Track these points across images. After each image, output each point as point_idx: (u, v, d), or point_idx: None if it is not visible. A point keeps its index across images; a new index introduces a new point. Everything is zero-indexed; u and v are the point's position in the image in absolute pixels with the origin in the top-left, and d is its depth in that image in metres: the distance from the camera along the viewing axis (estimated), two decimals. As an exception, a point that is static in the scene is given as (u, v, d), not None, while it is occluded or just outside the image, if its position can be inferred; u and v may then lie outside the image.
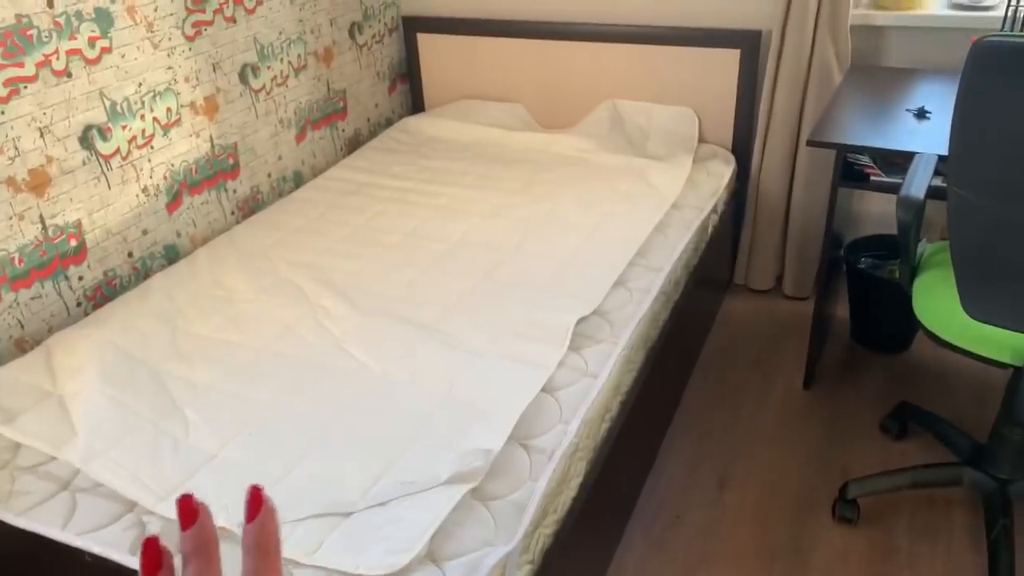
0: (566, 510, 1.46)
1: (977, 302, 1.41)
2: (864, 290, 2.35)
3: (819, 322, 2.18)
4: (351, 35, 2.74)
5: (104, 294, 1.98)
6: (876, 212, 2.64)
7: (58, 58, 1.78)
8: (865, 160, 1.98)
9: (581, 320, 1.76)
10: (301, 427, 1.49)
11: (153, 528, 1.29)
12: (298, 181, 2.61)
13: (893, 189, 1.92)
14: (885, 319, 2.34)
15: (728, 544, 1.81)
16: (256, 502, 0.41)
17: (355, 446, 1.43)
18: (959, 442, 1.88)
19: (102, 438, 1.47)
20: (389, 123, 3.04)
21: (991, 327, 1.48)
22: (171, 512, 1.31)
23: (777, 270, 2.72)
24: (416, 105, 3.10)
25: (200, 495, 1.35)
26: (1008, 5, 2.05)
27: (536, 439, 1.45)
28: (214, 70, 2.20)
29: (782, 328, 2.56)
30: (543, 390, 1.56)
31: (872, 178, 1.94)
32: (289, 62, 2.48)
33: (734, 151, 2.64)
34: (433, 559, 1.21)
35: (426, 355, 1.66)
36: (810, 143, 1.85)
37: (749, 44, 2.48)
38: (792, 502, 1.91)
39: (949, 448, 1.92)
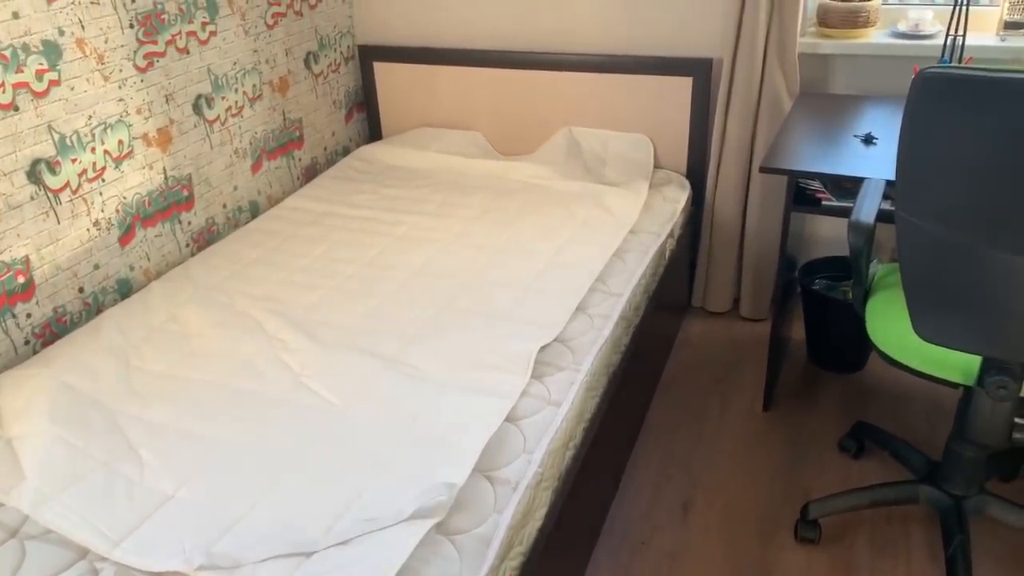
0: (532, 541, 1.45)
1: (928, 324, 1.45)
2: (819, 311, 2.40)
3: (776, 344, 2.21)
4: (307, 64, 2.74)
5: (54, 331, 1.93)
6: (828, 235, 2.70)
7: (4, 91, 1.74)
8: (816, 185, 2.03)
9: (543, 348, 1.77)
10: (260, 465, 1.46)
11: (107, 575, 1.25)
12: (254, 212, 2.58)
13: (844, 213, 1.98)
14: (840, 339, 2.39)
15: (693, 568, 1.82)
16: None
17: (316, 483, 1.41)
18: (914, 460, 1.92)
19: (52, 482, 1.42)
20: (346, 152, 3.03)
21: (942, 348, 1.51)
22: (126, 558, 1.27)
23: (734, 292, 2.76)
24: (373, 133, 3.10)
25: (155, 537, 1.31)
26: (947, 35, 2.12)
27: (500, 470, 1.44)
28: (167, 101, 2.17)
29: (740, 350, 2.60)
30: (506, 420, 1.55)
31: (823, 202, 1.99)
32: (244, 92, 2.46)
33: (689, 176, 2.69)
34: (398, 597, 1.19)
35: (387, 388, 1.65)
36: (763, 169, 1.89)
37: (701, 72, 2.54)
38: (756, 523, 1.93)
39: (905, 466, 1.96)
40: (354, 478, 1.41)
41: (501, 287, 2.02)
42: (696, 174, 2.68)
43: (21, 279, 1.84)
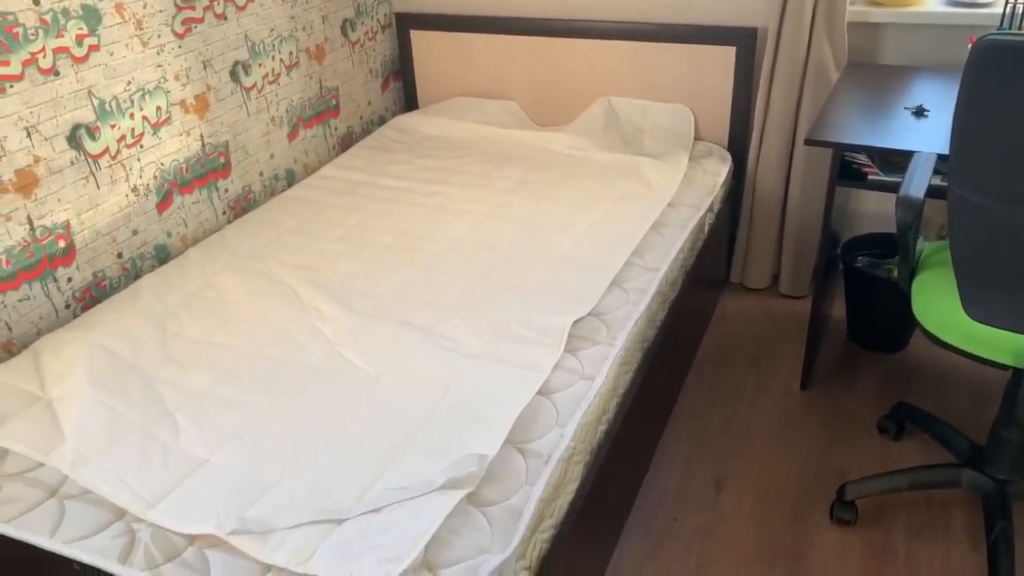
0: (563, 515, 1.45)
1: (978, 304, 1.39)
2: (861, 289, 2.34)
3: (816, 321, 2.17)
4: (343, 32, 2.71)
5: (93, 295, 1.95)
6: (872, 210, 2.63)
7: (45, 56, 1.75)
8: (863, 159, 1.97)
9: (577, 322, 1.74)
10: (293, 432, 1.47)
11: (143, 536, 1.27)
12: (291, 180, 2.58)
13: (891, 188, 1.91)
14: (882, 318, 2.33)
15: (726, 546, 1.80)
16: None
17: (348, 451, 1.41)
18: (957, 443, 1.87)
19: (91, 444, 1.44)
20: (382, 121, 3.02)
21: (991, 328, 1.46)
22: (161, 519, 1.29)
23: (773, 268, 2.71)
24: (409, 103, 3.08)
25: (190, 500, 1.32)
26: (1007, 2, 2.03)
27: (532, 443, 1.43)
28: (204, 68, 2.17)
29: (778, 327, 2.55)
30: (539, 393, 1.54)
31: (870, 177, 1.93)
32: (281, 60, 2.45)
33: (730, 149, 2.63)
34: (428, 567, 1.19)
35: (421, 358, 1.64)
36: (807, 142, 1.83)
37: (745, 41, 2.47)
38: (790, 503, 1.90)
39: (947, 449, 1.91)
40: (386, 447, 1.41)
41: (536, 260, 2.00)
42: (737, 146, 2.61)
43: (62, 243, 1.86)
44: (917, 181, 1.55)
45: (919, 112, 1.94)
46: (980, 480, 1.73)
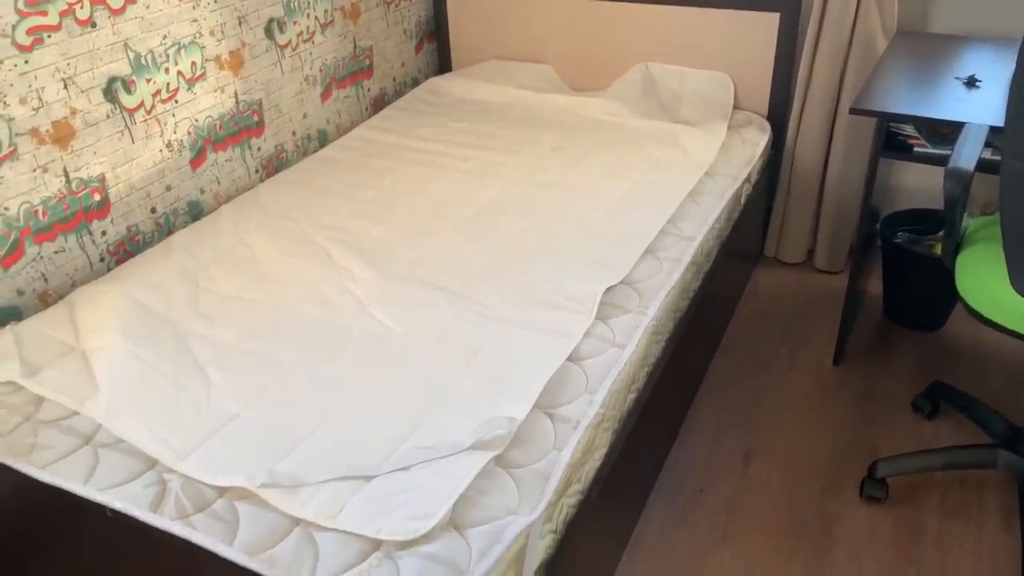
0: (590, 480, 1.44)
1: (1027, 280, 1.35)
2: (900, 266, 2.29)
3: (852, 297, 2.12)
4: (379, -9, 2.68)
5: (127, 249, 1.97)
6: (913, 185, 2.56)
7: (82, 7, 1.74)
8: (909, 130, 1.91)
9: (609, 289, 1.72)
10: (323, 389, 1.47)
11: (174, 487, 1.28)
12: (323, 140, 2.57)
13: (938, 161, 1.86)
14: (920, 296, 2.28)
15: (752, 518, 1.79)
16: None
17: (378, 410, 1.41)
18: (994, 423, 1.83)
19: (124, 395, 1.46)
20: (415, 83, 2.99)
21: (1038, 306, 1.42)
22: (192, 470, 1.30)
23: (809, 243, 2.66)
24: (443, 65, 3.04)
25: (220, 453, 1.32)
26: (1068, -31, 1.95)
27: (561, 408, 1.42)
28: (240, 24, 2.16)
29: (812, 302, 2.51)
30: (569, 359, 1.53)
31: (916, 149, 1.87)
32: (316, 18, 2.42)
33: (769, 119, 2.57)
34: (455, 526, 1.19)
35: (451, 321, 1.63)
36: (853, 111, 1.78)
37: (789, 7, 2.39)
38: (818, 479, 1.88)
39: (983, 429, 1.87)
40: (415, 407, 1.41)
41: (569, 226, 1.97)
42: (777, 116, 2.55)
43: (97, 196, 1.87)
44: (967, 153, 1.50)
45: (970, 82, 1.87)
46: (1017, 461, 1.69)
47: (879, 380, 2.17)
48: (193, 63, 2.04)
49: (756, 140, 2.42)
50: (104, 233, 1.90)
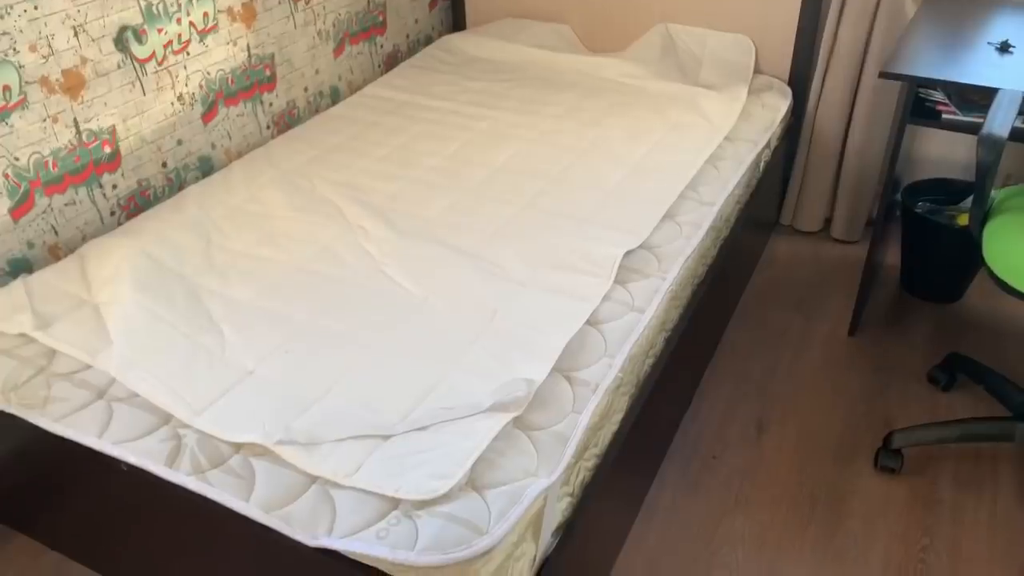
0: (607, 444, 1.43)
1: (1060, 250, 1.32)
2: (920, 236, 2.25)
3: (870, 267, 2.09)
4: (394, -55, 2.62)
5: (138, 204, 1.94)
6: (933, 155, 2.52)
7: (93, -48, 1.70)
8: (938, 96, 1.86)
9: (628, 253, 1.70)
10: (339, 348, 1.45)
11: (190, 442, 1.27)
12: (335, 97, 2.52)
13: (967, 129, 1.81)
14: (940, 267, 2.25)
15: (765, 486, 1.78)
16: None
17: (394, 369, 1.39)
18: (1012, 396, 1.81)
19: (138, 348, 1.44)
20: (428, 40, 2.93)
21: (1068, 278, 1.39)
22: (207, 426, 1.29)
23: (826, 212, 2.62)
24: (457, 23, 2.98)
25: (236, 409, 1.31)
26: (1109, -68, 1.89)
27: (580, 372, 1.40)
28: (253, -26, 2.11)
29: (828, 272, 2.48)
30: (588, 323, 1.51)
31: (945, 116, 1.83)
32: (330, -30, 2.37)
33: (791, 84, 2.51)
34: (474, 487, 1.18)
35: (468, 282, 1.61)
36: (883, 74, 1.73)
37: (816, -32, 2.33)
38: (832, 449, 1.87)
39: (1000, 402, 1.85)
40: (432, 367, 1.39)
41: (586, 189, 1.94)
42: (799, 82, 2.50)
43: (108, 149, 1.84)
44: (1001, 119, 1.46)
45: (1004, 47, 1.82)
46: (1035, 435, 1.68)
47: (895, 351, 2.15)
48: (205, 14, 1.99)
49: (777, 105, 2.37)
50: (115, 186, 1.87)
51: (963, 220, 2.15)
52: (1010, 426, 1.71)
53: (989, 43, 1.86)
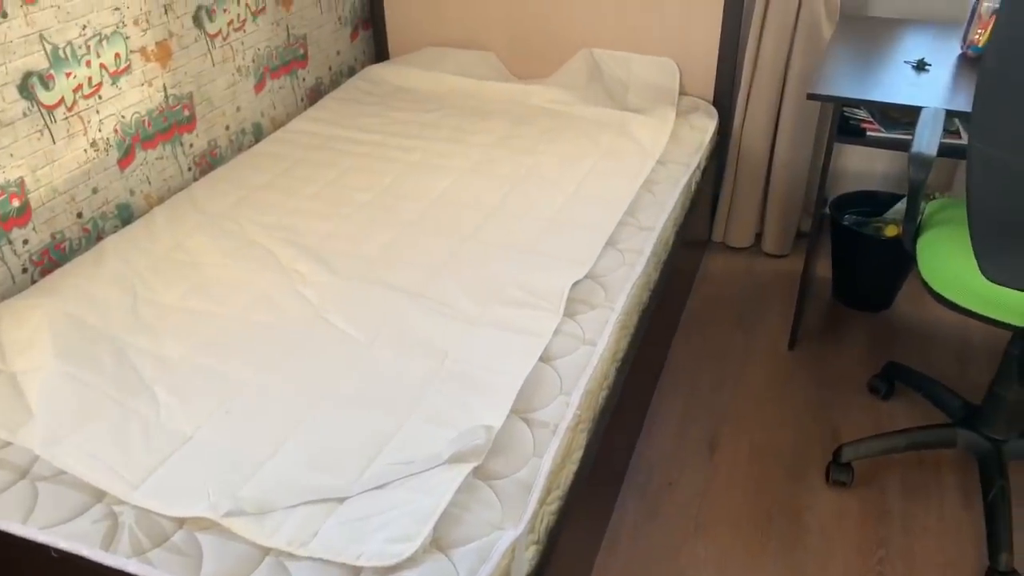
0: (568, 485, 1.39)
1: (996, 264, 1.36)
2: (848, 248, 2.31)
3: (805, 282, 2.13)
4: (311, -24, 2.55)
5: (52, 259, 1.82)
6: (855, 168, 2.60)
7: (-9, -5, 1.59)
8: (862, 114, 1.92)
9: (574, 284, 1.68)
10: (283, 404, 1.38)
11: (127, 520, 1.18)
12: (258, 134, 2.44)
13: (892, 145, 1.87)
14: (869, 277, 2.31)
15: (722, 508, 1.78)
16: None
17: (344, 423, 1.33)
18: (950, 402, 1.86)
19: (63, 420, 1.34)
20: (352, 72, 2.87)
21: (1001, 289, 1.44)
22: (146, 501, 1.20)
23: (757, 227, 2.67)
24: (380, 53, 2.93)
25: (176, 480, 1.22)
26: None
27: (537, 412, 1.37)
28: (166, 12, 2.01)
29: (763, 287, 2.52)
30: (540, 359, 1.47)
31: (869, 133, 1.88)
32: (247, 4, 2.29)
33: (715, 104, 2.56)
34: (439, 547, 1.12)
35: (413, 323, 1.56)
36: (811, 96, 1.77)
37: (734, -9, 2.38)
38: (784, 464, 1.88)
39: (939, 408, 1.91)
40: (384, 418, 1.33)
41: (525, 218, 1.92)
42: (723, 102, 2.54)
43: (16, 202, 1.72)
44: (928, 138, 1.51)
45: (920, 66, 1.89)
46: (976, 440, 1.73)
47: (834, 362, 2.19)
48: (117, 55, 1.89)
49: (704, 126, 2.41)
50: (26, 242, 1.75)
51: (890, 231, 2.22)
52: (952, 432, 1.76)
53: (906, 61, 1.93)
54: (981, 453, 1.72)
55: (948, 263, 1.52)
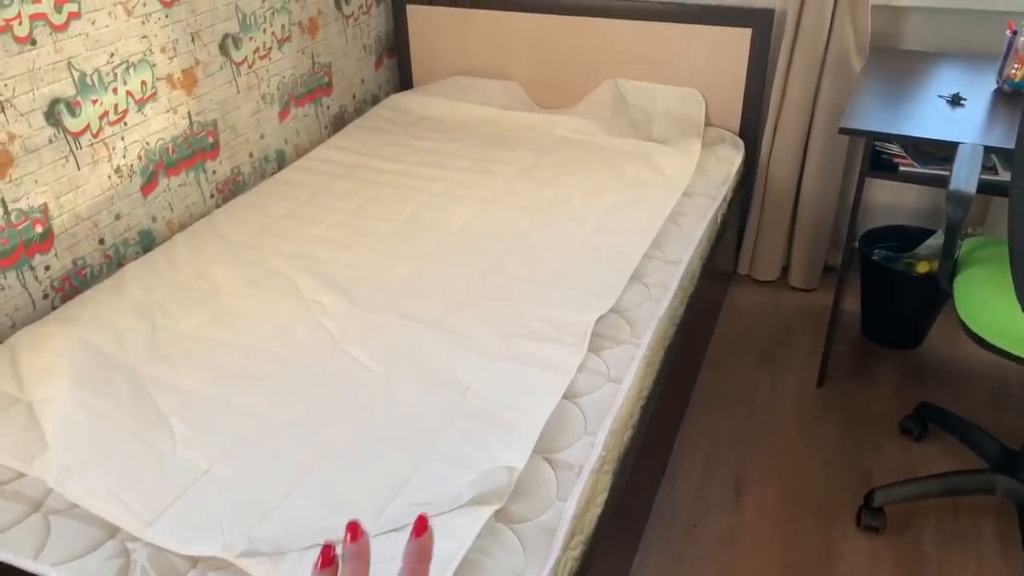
0: (592, 529, 1.35)
1: (1039, 307, 1.31)
2: (878, 283, 2.26)
3: (835, 318, 2.08)
4: (337, 5, 2.56)
5: (73, 285, 1.81)
6: (885, 202, 2.55)
7: (21, 23, 1.59)
8: (895, 149, 1.88)
9: (599, 319, 1.64)
10: (300, 438, 1.35)
11: (140, 558, 1.15)
12: (281, 162, 2.44)
13: (926, 180, 1.83)
14: (900, 314, 2.26)
15: (749, 554, 1.72)
16: (422, 526, 0.53)
17: (363, 461, 1.30)
18: (987, 446, 1.80)
19: (78, 452, 1.31)
20: (376, 100, 2.87)
21: (1044, 332, 1.38)
22: (159, 539, 1.17)
23: (783, 260, 2.62)
24: (404, 81, 2.94)
25: (191, 517, 1.18)
26: (1043, -13, 1.95)
27: (561, 453, 1.33)
28: (193, 40, 2.02)
29: (789, 321, 2.47)
30: (564, 396, 1.44)
31: (902, 168, 1.84)
32: (273, 33, 2.30)
33: (741, 135, 2.53)
34: (459, 594, 1.08)
35: (434, 357, 1.53)
36: (842, 131, 1.74)
37: (762, 23, 2.36)
38: (814, 508, 1.82)
39: (976, 452, 1.84)
40: (403, 456, 1.30)
41: (549, 250, 1.89)
42: (750, 133, 2.51)
43: (39, 228, 1.71)
44: (966, 175, 1.47)
45: (955, 100, 1.85)
46: (1015, 487, 1.66)
47: (864, 401, 2.13)
48: (143, 82, 1.90)
49: (730, 158, 2.38)
50: (47, 268, 1.74)
51: (921, 267, 2.17)
52: (990, 478, 1.70)
53: (940, 96, 1.89)
54: (1021, 501, 1.65)
55: (987, 304, 1.47)
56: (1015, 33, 1.85)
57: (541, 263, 1.84)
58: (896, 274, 2.19)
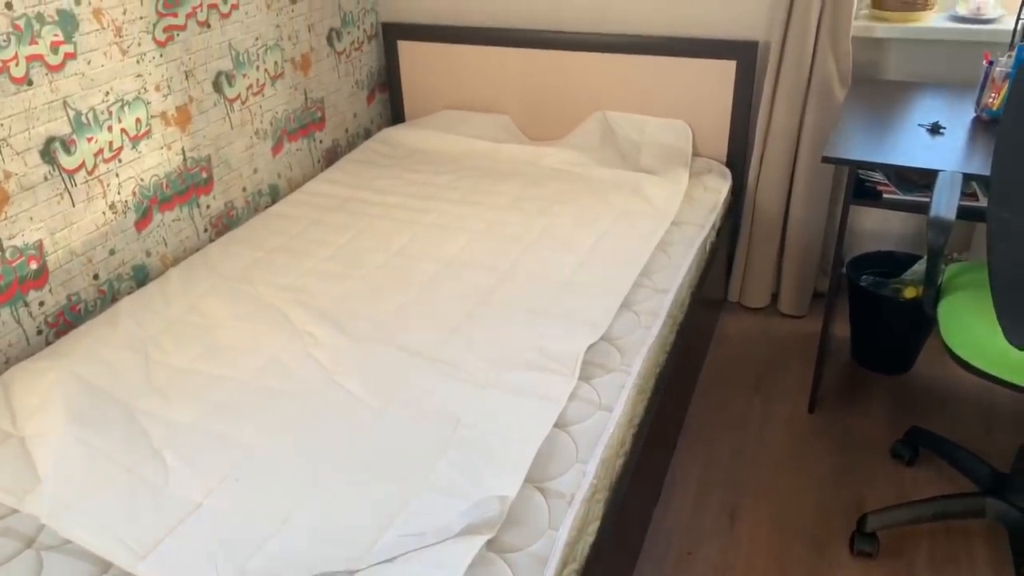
0: (584, 558, 1.35)
1: (1020, 330, 1.33)
2: (867, 309, 2.28)
3: (824, 345, 2.10)
4: (329, 42, 2.61)
5: (67, 320, 1.82)
6: (871, 228, 2.59)
7: (17, 64, 1.62)
8: (878, 177, 1.91)
9: (589, 347, 1.66)
10: (294, 471, 1.35)
11: (132, 593, 1.15)
12: (274, 196, 2.46)
13: (909, 208, 1.86)
14: (889, 339, 2.28)
15: (743, 582, 1.72)
16: None
17: (355, 493, 1.30)
18: (978, 469, 1.81)
19: (70, 487, 1.32)
20: (368, 134, 2.91)
21: (1026, 355, 1.40)
22: (152, 573, 1.17)
23: (772, 287, 2.65)
24: (396, 116, 2.98)
25: (183, 551, 1.19)
26: (1018, 19, 2.00)
27: (552, 481, 1.34)
28: (187, 78, 2.05)
29: (780, 348, 2.49)
30: (555, 425, 1.45)
31: (885, 195, 1.87)
32: (265, 70, 2.34)
33: (728, 165, 2.57)
34: (451, 624, 1.09)
35: (426, 388, 1.54)
36: (825, 160, 1.77)
37: (746, 55, 2.41)
38: (807, 534, 1.83)
39: (965, 475, 1.85)
40: (396, 487, 1.30)
41: (540, 280, 1.91)
42: (736, 162, 2.55)
43: (34, 265, 1.73)
44: (946, 201, 1.50)
45: (935, 129, 1.89)
46: (1006, 510, 1.67)
47: (855, 427, 2.15)
48: (138, 120, 1.93)
49: (718, 187, 2.41)
50: (42, 304, 1.76)
51: (908, 293, 2.19)
52: (980, 502, 1.70)
53: (920, 124, 1.93)
54: (1012, 523, 1.66)
55: (971, 329, 1.49)
56: (991, 63, 1.90)
57: (532, 293, 1.86)
58: (884, 300, 2.22)
